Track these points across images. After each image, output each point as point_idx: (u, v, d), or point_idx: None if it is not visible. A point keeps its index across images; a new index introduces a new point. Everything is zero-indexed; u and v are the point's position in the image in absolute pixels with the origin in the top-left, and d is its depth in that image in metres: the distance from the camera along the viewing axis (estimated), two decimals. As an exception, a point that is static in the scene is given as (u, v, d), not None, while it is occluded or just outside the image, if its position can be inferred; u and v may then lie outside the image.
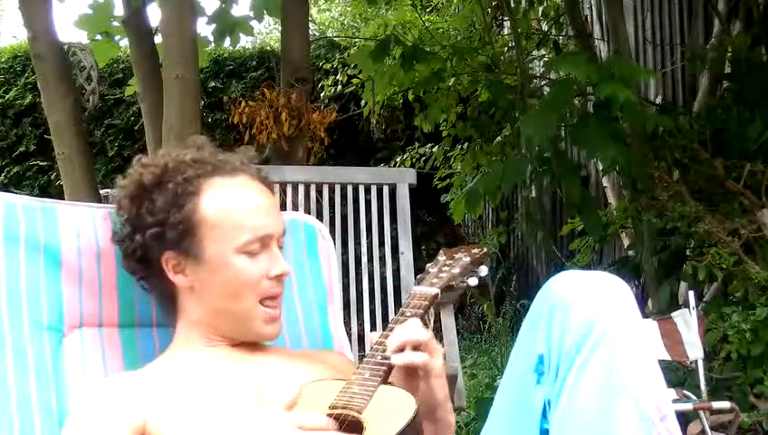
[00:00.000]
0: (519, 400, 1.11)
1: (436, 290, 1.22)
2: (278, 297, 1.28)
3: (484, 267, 1.31)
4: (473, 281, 1.29)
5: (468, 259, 1.30)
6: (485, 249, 1.35)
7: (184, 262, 1.24)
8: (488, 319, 5.92)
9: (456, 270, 1.28)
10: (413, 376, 1.16)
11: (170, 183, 1.24)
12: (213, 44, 4.26)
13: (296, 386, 1.13)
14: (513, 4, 5.10)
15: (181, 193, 1.23)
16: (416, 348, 1.14)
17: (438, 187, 6.22)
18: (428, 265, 1.31)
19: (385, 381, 1.11)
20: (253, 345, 1.30)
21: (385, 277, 2.64)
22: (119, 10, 3.84)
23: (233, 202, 1.25)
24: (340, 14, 9.53)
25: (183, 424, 1.14)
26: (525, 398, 1.09)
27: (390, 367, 1.13)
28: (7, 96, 7.44)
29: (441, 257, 1.32)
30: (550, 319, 1.08)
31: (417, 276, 1.28)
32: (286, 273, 1.26)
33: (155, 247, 1.24)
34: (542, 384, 1.08)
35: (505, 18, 6.12)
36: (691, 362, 3.05)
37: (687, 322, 3.00)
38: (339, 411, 1.04)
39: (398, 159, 6.60)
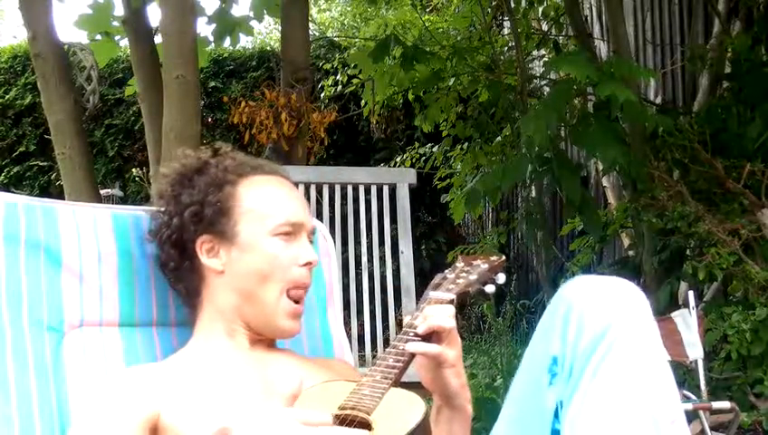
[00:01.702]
0: (531, 400, 1.12)
1: (451, 295, 1.23)
2: (304, 290, 1.30)
3: (501, 275, 1.31)
4: (490, 288, 1.29)
5: (486, 266, 1.31)
6: (503, 257, 1.35)
7: (218, 245, 1.28)
8: (488, 319, 5.92)
9: (474, 277, 1.28)
10: (430, 363, 1.17)
11: (211, 168, 1.32)
12: (213, 44, 4.26)
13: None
14: (513, 4, 5.10)
15: (221, 176, 1.30)
16: (439, 334, 1.15)
17: (438, 187, 6.22)
18: (446, 270, 1.31)
19: (396, 383, 1.11)
20: (269, 347, 1.31)
21: (385, 277, 2.64)
22: (119, 10, 3.84)
23: (268, 191, 1.31)
24: (340, 14, 9.54)
25: (195, 419, 1.15)
26: (538, 398, 1.10)
27: (406, 364, 1.14)
28: (7, 96, 7.44)
29: (459, 264, 1.33)
30: (565, 321, 1.09)
31: (434, 281, 1.28)
32: (315, 261, 1.30)
33: (191, 229, 1.28)
34: (555, 385, 1.09)
35: (505, 18, 6.12)
36: (691, 362, 3.05)
37: (687, 322, 3.00)
38: (348, 412, 1.05)
39: (398, 159, 6.60)
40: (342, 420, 1.03)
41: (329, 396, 1.09)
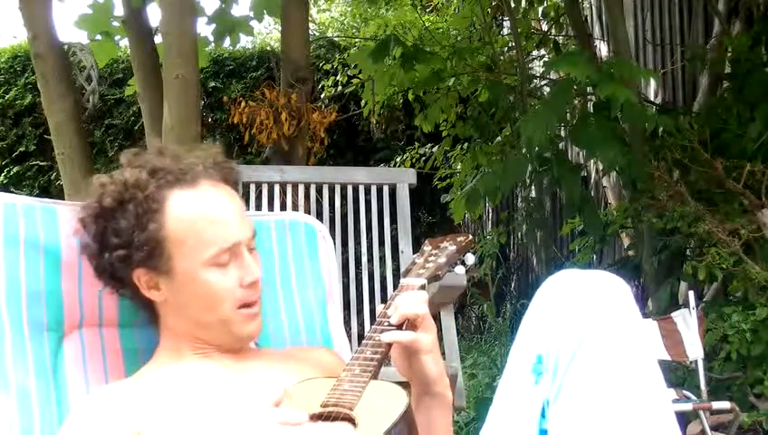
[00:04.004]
0: (517, 400, 1.11)
1: (422, 281, 1.22)
2: (255, 301, 1.25)
3: (470, 255, 1.30)
4: (459, 269, 1.28)
5: (454, 248, 1.29)
6: (471, 236, 1.34)
7: (156, 278, 1.23)
8: (488, 319, 5.92)
9: (443, 259, 1.27)
10: (406, 351, 1.16)
11: (131, 203, 1.21)
12: (213, 44, 4.26)
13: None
14: (513, 4, 5.10)
15: (143, 213, 1.20)
16: (413, 321, 1.14)
17: (438, 187, 6.22)
18: (415, 255, 1.30)
19: (376, 376, 1.10)
20: (241, 352, 1.29)
21: (385, 277, 2.65)
22: (119, 10, 3.84)
23: (196, 216, 1.21)
24: (341, 14, 9.52)
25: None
26: (524, 398, 1.09)
27: (384, 355, 1.13)
28: (7, 96, 7.44)
29: (426, 247, 1.31)
30: (549, 319, 1.08)
31: (404, 268, 1.27)
32: (258, 278, 1.24)
33: (123, 267, 1.23)
34: (541, 384, 1.08)
35: (505, 18, 6.13)
36: (691, 362, 3.06)
37: (687, 322, 3.01)
38: (330, 409, 1.04)
39: (398, 159, 6.60)
40: (326, 418, 1.03)
41: (311, 394, 1.08)
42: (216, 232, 1.21)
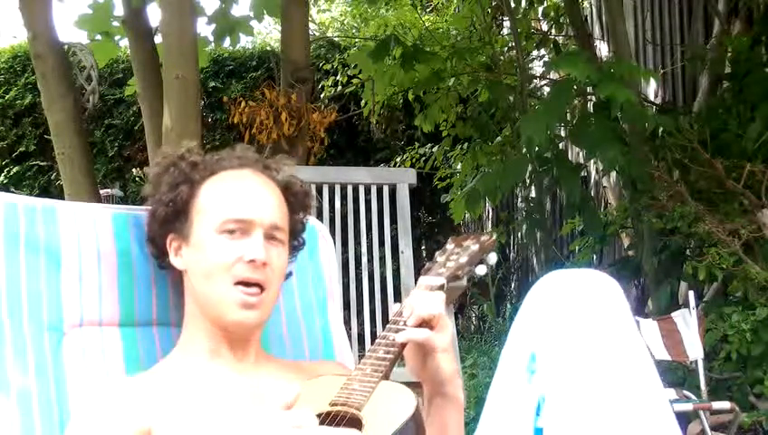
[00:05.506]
0: (512, 398, 1.11)
1: (442, 280, 1.21)
2: (254, 286, 1.23)
3: (493, 255, 1.29)
4: (481, 270, 1.26)
5: (477, 247, 1.28)
6: (494, 236, 1.32)
7: (181, 244, 1.27)
8: (488, 319, 5.92)
9: (464, 259, 1.26)
10: (420, 350, 1.15)
11: (170, 168, 1.29)
12: (213, 44, 4.26)
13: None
14: (513, 4, 5.11)
15: (178, 175, 1.28)
16: (429, 321, 1.14)
17: (438, 187, 6.23)
18: (437, 252, 1.29)
19: (387, 376, 1.10)
20: (256, 359, 1.29)
21: (385, 277, 2.65)
22: (119, 10, 3.85)
23: (223, 187, 1.27)
24: (341, 14, 9.53)
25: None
26: (518, 396, 1.10)
27: (397, 355, 1.13)
28: (7, 96, 7.44)
29: (449, 246, 1.30)
30: (542, 317, 1.09)
31: (425, 265, 1.26)
32: (259, 260, 1.22)
33: (155, 227, 1.29)
34: (535, 382, 1.08)
35: (505, 18, 6.13)
36: (691, 362, 3.06)
37: (687, 322, 3.01)
38: (338, 408, 1.03)
39: (398, 159, 6.60)
40: (333, 418, 1.02)
41: (321, 392, 1.08)
42: (233, 204, 1.25)
